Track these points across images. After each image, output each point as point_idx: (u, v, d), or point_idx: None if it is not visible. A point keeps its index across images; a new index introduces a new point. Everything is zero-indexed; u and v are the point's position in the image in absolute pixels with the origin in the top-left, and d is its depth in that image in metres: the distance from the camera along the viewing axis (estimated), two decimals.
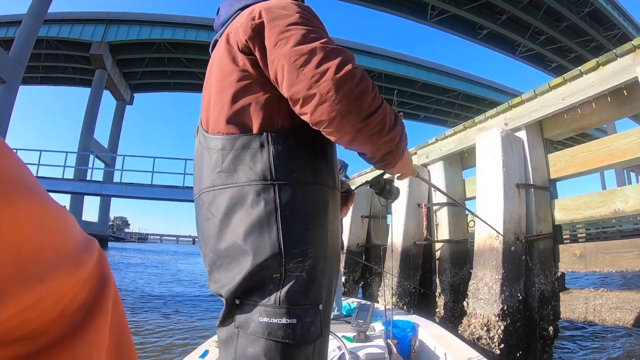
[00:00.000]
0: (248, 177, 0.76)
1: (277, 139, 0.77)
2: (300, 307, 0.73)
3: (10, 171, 0.22)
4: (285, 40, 0.73)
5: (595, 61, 3.01)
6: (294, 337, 0.72)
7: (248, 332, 0.73)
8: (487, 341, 3.02)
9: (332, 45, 0.73)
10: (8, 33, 22.62)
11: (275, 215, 0.74)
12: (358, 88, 0.70)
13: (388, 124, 0.75)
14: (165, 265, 17.20)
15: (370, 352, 2.24)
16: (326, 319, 0.80)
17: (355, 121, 0.71)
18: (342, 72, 0.69)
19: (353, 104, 0.69)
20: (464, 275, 4.31)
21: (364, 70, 0.73)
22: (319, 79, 0.68)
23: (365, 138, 0.74)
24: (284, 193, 0.75)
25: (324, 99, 0.69)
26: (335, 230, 0.85)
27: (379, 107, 0.73)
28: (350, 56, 0.73)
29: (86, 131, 24.14)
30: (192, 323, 5.24)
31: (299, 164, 0.78)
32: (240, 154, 0.77)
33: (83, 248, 0.27)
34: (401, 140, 0.80)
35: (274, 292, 0.73)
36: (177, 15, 25.16)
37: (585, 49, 23.32)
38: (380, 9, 22.11)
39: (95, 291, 0.28)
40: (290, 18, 0.76)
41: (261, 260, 0.73)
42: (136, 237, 73.39)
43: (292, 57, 0.71)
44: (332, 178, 0.85)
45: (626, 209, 2.92)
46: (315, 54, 0.70)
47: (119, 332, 0.30)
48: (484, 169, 3.62)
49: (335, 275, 0.86)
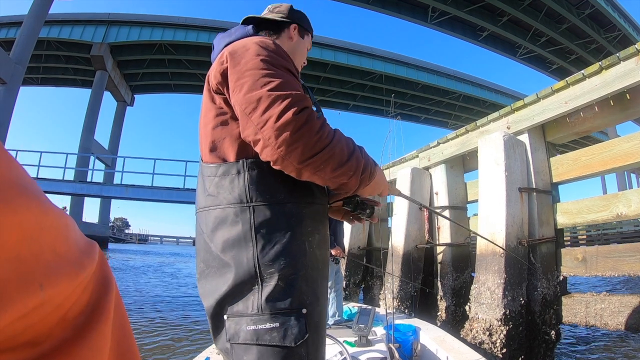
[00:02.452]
0: (228, 200, 0.87)
1: (252, 165, 0.87)
2: (281, 312, 0.81)
3: (10, 176, 0.22)
4: (240, 87, 0.83)
5: (599, 65, 3.01)
6: (278, 339, 0.79)
7: (239, 342, 0.81)
8: (489, 345, 3.00)
9: (280, 91, 0.79)
10: (9, 34, 22.67)
11: (250, 233, 0.84)
12: (297, 134, 0.77)
13: (335, 163, 0.82)
14: (166, 267, 17.19)
15: (372, 356, 2.23)
16: (314, 322, 0.85)
17: (295, 162, 0.79)
18: (281, 120, 0.76)
19: (291, 148, 0.77)
20: (465, 279, 4.30)
21: (311, 113, 0.80)
22: (262, 126, 0.78)
23: (310, 174, 0.82)
24: (258, 213, 0.85)
25: (266, 143, 0.78)
26: (319, 241, 0.92)
27: (323, 148, 0.79)
28: (295, 101, 0.78)
29: (87, 132, 24.14)
30: (195, 327, 5.23)
31: (272, 187, 0.87)
32: (222, 180, 0.89)
33: (84, 251, 0.27)
34: (356, 173, 0.86)
35: (255, 302, 0.81)
36: (177, 17, 25.20)
37: (586, 50, 23.33)
38: (381, 11, 22.12)
39: (97, 295, 0.28)
40: (248, 64, 0.85)
41: (241, 273, 0.83)
42: (136, 239, 73.47)
43: (242, 104, 0.81)
44: (310, 195, 0.92)
45: (629, 213, 2.91)
46: (261, 102, 0.78)
47: (122, 335, 0.30)
48: (486, 172, 3.61)
49: (323, 281, 0.93)
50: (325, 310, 0.93)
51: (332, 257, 3.92)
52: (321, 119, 0.82)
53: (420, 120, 34.74)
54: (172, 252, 35.69)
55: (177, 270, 15.16)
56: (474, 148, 4.17)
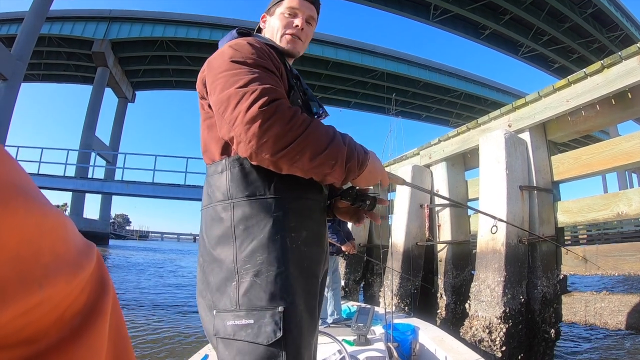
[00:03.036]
0: (217, 198, 0.91)
1: (234, 163, 0.89)
2: (256, 309, 0.80)
3: (9, 177, 0.22)
4: (213, 90, 0.86)
5: (600, 63, 3.00)
6: (252, 336, 0.78)
7: (222, 336, 0.82)
8: (489, 343, 3.01)
9: (248, 86, 0.80)
10: (10, 30, 22.64)
11: (231, 229, 0.86)
12: (265, 126, 0.76)
13: (312, 151, 0.79)
14: (167, 264, 17.22)
15: (371, 355, 2.24)
16: (295, 321, 0.82)
17: (268, 155, 0.78)
18: (248, 114, 0.76)
19: (261, 140, 0.76)
20: (465, 277, 4.30)
21: (279, 103, 0.78)
22: (233, 123, 0.79)
23: (288, 166, 0.80)
24: (238, 209, 0.87)
25: (239, 139, 0.79)
26: (305, 237, 0.90)
27: (296, 138, 0.77)
28: (263, 94, 0.78)
29: (88, 129, 24.15)
30: (193, 325, 5.24)
31: (253, 183, 0.88)
32: (211, 179, 0.93)
33: (82, 252, 0.27)
34: (340, 162, 0.82)
35: (234, 298, 0.82)
36: (179, 13, 25.14)
37: (588, 49, 23.24)
38: (383, 9, 22.05)
39: (94, 296, 0.28)
40: (220, 67, 0.87)
41: (224, 269, 0.85)
42: (137, 235, 73.56)
43: (216, 105, 0.83)
44: (295, 188, 0.91)
45: (629, 212, 2.91)
46: (231, 100, 0.80)
47: (118, 337, 0.30)
48: (487, 170, 3.61)
49: (310, 279, 0.90)
50: (313, 310, 0.89)
51: (342, 253, 3.96)
52: (293, 108, 0.81)
53: (422, 118, 34.68)
54: (173, 249, 35.75)
55: (178, 268, 15.19)
56: (475, 146, 4.16)
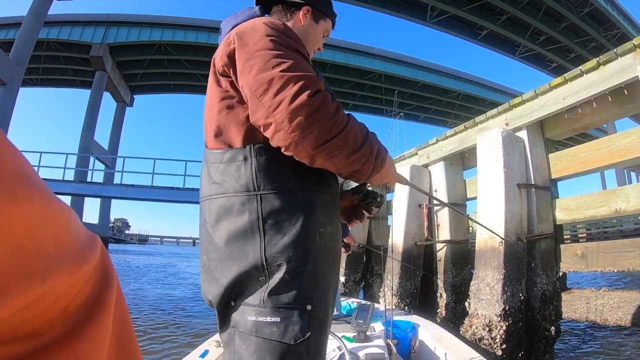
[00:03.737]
0: (234, 189, 0.82)
1: (260, 151, 0.82)
2: (284, 307, 0.77)
3: (13, 168, 0.21)
4: (249, 68, 0.78)
5: (596, 60, 3.01)
6: (278, 335, 0.75)
7: (240, 330, 0.78)
8: (489, 341, 3.01)
9: (293, 72, 0.75)
10: (8, 35, 22.63)
11: (258, 223, 0.80)
12: (312, 117, 0.72)
13: (349, 148, 0.78)
14: (166, 267, 17.19)
15: (370, 352, 2.23)
16: (319, 320, 0.81)
17: (309, 148, 0.74)
18: (296, 102, 0.72)
19: (306, 132, 0.73)
20: (465, 276, 4.30)
21: (325, 95, 0.75)
22: (275, 108, 0.73)
23: (324, 161, 0.78)
24: (266, 202, 0.80)
25: (279, 127, 0.73)
26: (330, 233, 0.87)
27: (338, 133, 0.75)
28: (309, 83, 0.74)
29: (86, 133, 24.12)
30: (193, 322, 5.24)
31: (282, 174, 0.82)
32: (227, 167, 0.84)
33: (86, 244, 0.27)
34: (369, 160, 0.82)
35: (259, 293, 0.78)
36: (177, 17, 25.18)
37: (585, 49, 23.31)
38: (380, 10, 22.09)
39: (98, 288, 0.28)
40: (257, 44, 0.80)
41: (246, 265, 0.79)
42: (137, 239, 73.52)
43: (253, 85, 0.76)
44: (322, 183, 0.88)
45: (627, 209, 2.91)
46: (273, 83, 0.74)
47: (122, 329, 0.30)
48: (485, 169, 3.61)
49: (332, 276, 0.87)
50: (332, 309, 0.87)
51: (344, 245, 3.95)
52: (336, 102, 0.78)
53: (420, 119, 34.72)
54: (173, 253, 35.68)
55: (179, 271, 15.15)
56: (472, 145, 4.17)
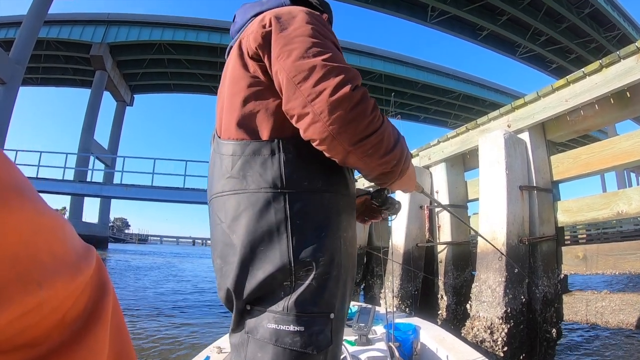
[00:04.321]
0: (258, 184, 0.75)
1: (288, 146, 0.77)
2: (309, 315, 0.72)
3: (5, 177, 0.21)
4: (288, 53, 0.72)
5: (599, 63, 3.00)
6: (301, 344, 0.71)
7: (257, 337, 0.73)
8: (490, 344, 3.00)
9: (334, 62, 0.71)
10: (8, 34, 22.66)
11: (285, 224, 0.74)
12: (353, 112, 0.68)
13: (384, 148, 0.74)
14: (166, 267, 17.18)
15: (372, 355, 2.22)
16: (338, 328, 0.78)
17: (346, 143, 0.70)
18: (338, 94, 0.67)
19: (345, 126, 0.68)
20: (466, 278, 4.30)
21: (365, 91, 0.72)
22: (314, 98, 0.68)
23: (357, 159, 0.73)
24: (295, 202, 0.75)
25: (317, 119, 0.68)
26: (350, 238, 0.83)
27: (375, 131, 0.72)
28: (351, 76, 0.71)
29: (86, 132, 24.16)
30: (193, 325, 5.23)
31: (311, 172, 0.77)
32: (251, 160, 0.77)
33: (81, 255, 0.27)
34: (399, 163, 0.79)
35: (283, 299, 0.73)
36: (177, 17, 25.21)
37: (585, 49, 23.34)
38: (380, 10, 22.13)
39: (95, 299, 0.28)
40: (298, 30, 0.75)
41: (270, 269, 0.73)
42: (136, 239, 73.52)
43: (291, 72, 0.71)
44: (345, 185, 0.84)
45: (629, 211, 2.91)
46: (314, 72, 0.69)
47: (119, 339, 0.30)
48: (487, 171, 3.61)
49: (350, 283, 0.84)
50: (346, 315, 0.83)
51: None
52: (373, 100, 0.74)
53: (420, 120, 34.76)
54: (173, 252, 35.68)
55: (179, 271, 15.15)
56: (474, 146, 4.17)
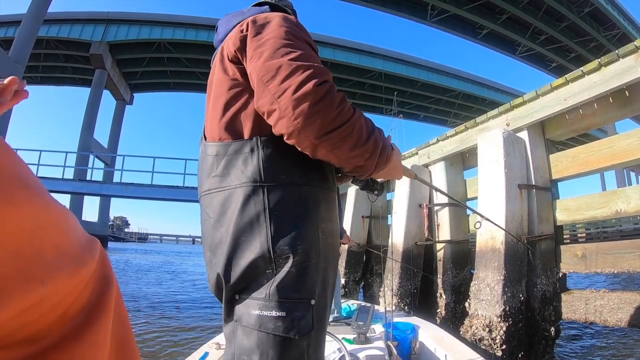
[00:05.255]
0: (239, 180, 0.81)
1: (267, 143, 0.82)
2: (290, 301, 0.76)
3: (11, 170, 0.21)
4: (259, 54, 0.78)
5: (598, 62, 3.01)
6: (283, 329, 0.75)
7: (244, 324, 0.77)
8: (489, 342, 3.01)
9: (301, 61, 0.75)
10: (8, 33, 22.59)
11: (264, 214, 0.79)
12: (317, 106, 0.72)
13: (354, 140, 0.78)
14: (166, 265, 17.20)
15: (371, 354, 2.23)
16: (320, 315, 0.81)
17: (312, 136, 0.74)
18: (301, 90, 0.71)
19: (309, 120, 0.72)
20: (465, 276, 4.30)
21: (331, 86, 0.75)
22: (280, 95, 0.73)
23: (327, 152, 0.77)
24: (273, 194, 0.80)
25: (282, 114, 0.73)
26: (330, 229, 0.87)
27: (342, 124, 0.75)
28: (317, 72, 0.74)
29: (86, 131, 24.10)
30: (193, 322, 5.24)
31: (288, 166, 0.82)
32: (233, 159, 0.83)
33: (85, 247, 0.27)
34: (373, 156, 0.82)
35: (265, 286, 0.77)
36: (177, 15, 25.13)
37: (585, 48, 23.31)
38: (381, 9, 22.09)
39: (98, 292, 0.27)
40: (270, 33, 0.81)
41: (253, 258, 0.78)
42: (136, 237, 73.52)
43: (261, 71, 0.76)
44: (324, 179, 0.88)
45: (628, 210, 2.92)
46: (281, 70, 0.74)
47: (122, 332, 0.30)
48: (485, 169, 3.61)
49: (331, 272, 0.88)
50: (330, 304, 0.88)
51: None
52: (341, 93, 0.77)
53: (420, 119, 34.72)
54: (173, 251, 35.70)
55: (181, 270, 15.17)
56: (473, 145, 4.17)
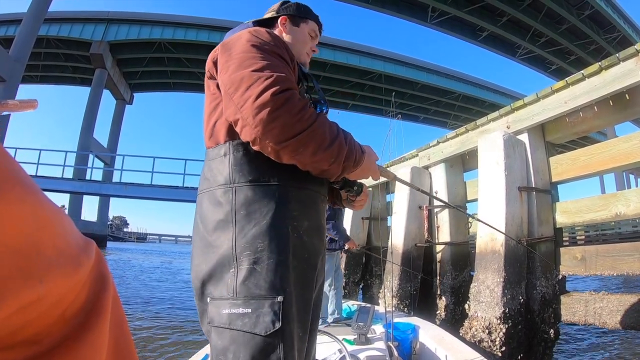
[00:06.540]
0: (217, 182, 0.89)
1: (238, 147, 0.88)
2: (255, 298, 0.79)
3: (5, 168, 0.21)
4: (226, 69, 0.85)
5: (598, 65, 3.02)
6: (250, 326, 0.77)
7: (216, 325, 0.80)
8: (488, 344, 3.01)
9: (262, 72, 0.80)
10: (8, 32, 22.57)
11: (231, 214, 0.85)
12: (275, 113, 0.76)
13: (316, 146, 0.81)
14: (165, 266, 17.18)
15: (371, 354, 2.23)
16: (292, 313, 0.81)
17: (272, 143, 0.78)
18: (259, 99, 0.76)
19: (267, 127, 0.77)
20: (464, 278, 4.31)
21: (292, 94, 0.79)
22: (242, 105, 0.78)
23: (289, 157, 0.81)
24: (240, 194, 0.85)
25: (244, 123, 0.78)
26: (306, 228, 0.90)
27: (303, 130, 0.78)
28: (276, 81, 0.78)
29: (86, 130, 24.05)
30: (193, 324, 5.23)
31: (258, 168, 0.87)
32: (213, 163, 0.91)
33: (82, 248, 0.27)
34: (337, 160, 0.85)
35: (231, 285, 0.80)
36: (177, 15, 25.11)
37: (585, 51, 23.34)
38: (381, 11, 22.09)
39: (95, 293, 0.27)
40: (238, 48, 0.87)
41: (221, 254, 0.83)
42: (135, 237, 73.42)
43: (226, 84, 0.83)
44: (297, 179, 0.90)
45: (627, 213, 2.92)
46: (243, 82, 0.79)
47: (119, 334, 0.30)
48: (486, 171, 3.62)
49: (310, 270, 0.90)
50: (309, 303, 0.89)
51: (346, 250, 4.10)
52: (303, 101, 0.81)
53: (420, 120, 34.73)
54: (172, 251, 35.64)
55: (178, 270, 15.14)
56: (473, 147, 4.18)
